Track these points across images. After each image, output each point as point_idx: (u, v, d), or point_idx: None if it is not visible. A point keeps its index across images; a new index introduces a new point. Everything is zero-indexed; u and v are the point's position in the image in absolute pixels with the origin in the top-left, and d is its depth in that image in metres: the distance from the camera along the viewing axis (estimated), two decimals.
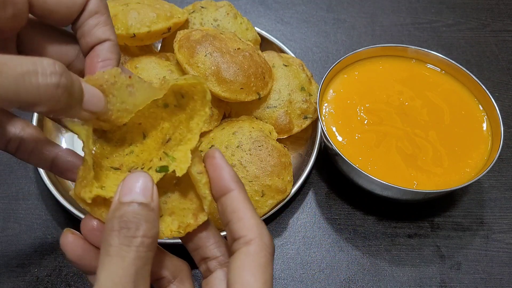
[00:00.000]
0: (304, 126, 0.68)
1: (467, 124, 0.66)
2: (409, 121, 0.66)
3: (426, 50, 0.71)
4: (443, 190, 0.58)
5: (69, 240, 0.35)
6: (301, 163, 0.68)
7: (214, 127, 0.66)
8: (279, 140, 0.65)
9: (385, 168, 0.62)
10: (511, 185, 0.70)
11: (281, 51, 0.77)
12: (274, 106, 0.67)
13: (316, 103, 0.66)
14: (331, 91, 0.69)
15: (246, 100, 0.63)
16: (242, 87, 0.62)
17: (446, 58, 0.70)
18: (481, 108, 0.68)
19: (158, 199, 0.34)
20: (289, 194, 0.62)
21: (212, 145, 0.62)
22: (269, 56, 0.71)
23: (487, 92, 0.66)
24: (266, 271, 0.34)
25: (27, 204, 0.65)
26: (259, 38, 0.75)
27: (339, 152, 0.60)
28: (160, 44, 0.75)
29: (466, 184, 0.58)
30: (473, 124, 0.66)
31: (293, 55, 0.75)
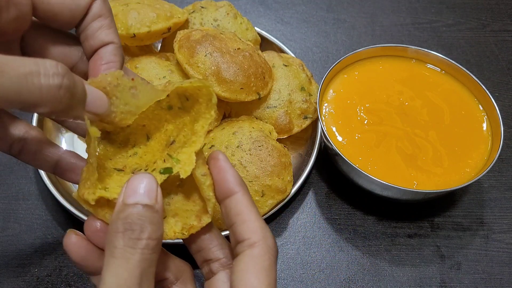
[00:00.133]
0: (304, 126, 0.68)
1: (467, 124, 0.66)
2: (409, 121, 0.66)
3: (426, 50, 0.71)
4: (443, 190, 0.58)
5: (72, 241, 0.35)
6: (301, 163, 0.68)
7: (214, 127, 0.66)
8: (279, 140, 0.65)
9: (385, 168, 0.62)
10: (511, 185, 0.70)
11: (281, 51, 0.77)
12: (274, 106, 0.67)
13: (316, 103, 0.66)
14: (331, 91, 0.69)
15: (246, 100, 0.63)
16: (242, 87, 0.62)
17: (446, 58, 0.70)
18: (481, 108, 0.68)
19: (162, 200, 0.34)
20: (289, 194, 0.62)
21: (212, 145, 0.62)
22: (269, 56, 0.71)
23: (487, 92, 0.66)
24: (270, 273, 0.34)
25: (27, 204, 0.65)
26: (259, 38, 0.75)
27: (339, 152, 0.60)
28: (160, 44, 0.75)
29: (466, 184, 0.58)
30: (473, 124, 0.66)
31: (293, 55, 0.75)
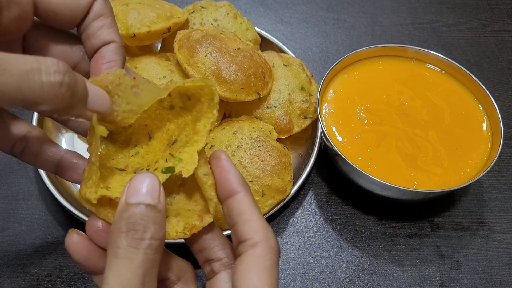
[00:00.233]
0: (304, 126, 0.68)
1: (467, 124, 0.66)
2: (409, 121, 0.66)
3: (426, 50, 0.71)
4: (443, 190, 0.58)
5: (74, 240, 0.35)
6: (301, 163, 0.68)
7: (214, 127, 0.66)
8: (279, 140, 0.65)
9: (385, 168, 0.62)
10: (511, 185, 0.70)
11: (281, 51, 0.77)
12: (274, 106, 0.67)
13: (316, 103, 0.66)
14: (331, 91, 0.69)
15: (246, 100, 0.63)
16: (242, 87, 0.62)
17: (446, 58, 0.70)
18: (481, 108, 0.68)
19: (165, 200, 0.34)
20: (289, 194, 0.62)
21: (212, 145, 0.62)
22: (269, 56, 0.71)
23: (487, 92, 0.66)
24: (272, 274, 0.34)
25: (27, 204, 0.65)
26: (259, 38, 0.75)
27: (339, 152, 0.60)
28: (160, 44, 0.75)
29: (466, 184, 0.58)
30: (473, 124, 0.66)
31: (293, 55, 0.75)
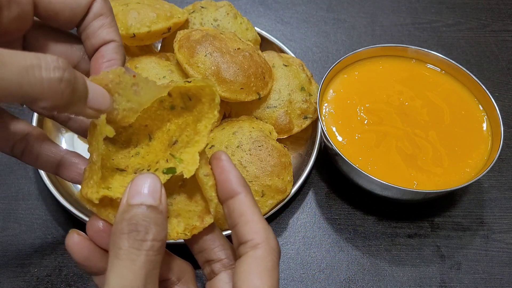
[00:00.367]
0: (304, 126, 0.68)
1: (467, 124, 0.66)
2: (409, 121, 0.66)
3: (426, 50, 0.71)
4: (443, 190, 0.58)
5: (75, 241, 0.35)
6: (301, 163, 0.68)
7: (214, 127, 0.66)
8: (279, 140, 0.65)
9: (385, 168, 0.62)
10: (511, 185, 0.70)
11: (281, 51, 0.77)
12: (274, 106, 0.67)
13: (316, 103, 0.66)
14: (331, 91, 0.69)
15: (246, 100, 0.63)
16: (242, 87, 0.62)
17: (446, 58, 0.70)
18: (481, 108, 0.68)
19: (166, 201, 0.34)
20: (289, 194, 0.62)
21: (212, 145, 0.62)
22: (269, 56, 0.71)
23: (487, 92, 0.66)
24: (273, 275, 0.34)
25: (27, 204, 0.65)
26: (259, 38, 0.75)
27: (339, 152, 0.60)
28: (160, 44, 0.75)
29: (466, 184, 0.58)
30: (473, 124, 0.66)
31: (293, 55, 0.75)
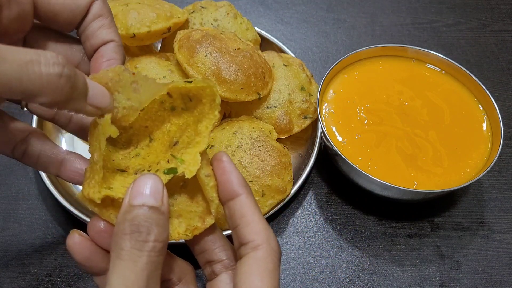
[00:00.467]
0: (304, 126, 0.68)
1: (467, 124, 0.66)
2: (409, 121, 0.66)
3: (426, 50, 0.71)
4: (443, 190, 0.58)
5: (76, 241, 0.35)
6: (301, 163, 0.68)
7: (214, 127, 0.66)
8: (279, 140, 0.65)
9: (385, 168, 0.62)
10: (511, 185, 0.70)
11: (281, 51, 0.77)
12: (274, 106, 0.67)
13: (316, 103, 0.66)
14: (331, 91, 0.69)
15: (246, 100, 0.63)
16: (242, 87, 0.62)
17: (446, 58, 0.70)
18: (481, 108, 0.68)
19: (168, 202, 0.34)
20: (289, 194, 0.62)
21: (212, 145, 0.62)
22: (269, 56, 0.71)
23: (487, 92, 0.66)
24: (274, 276, 0.34)
25: (27, 204, 0.65)
26: (259, 38, 0.75)
27: (339, 152, 0.60)
28: (160, 44, 0.75)
29: (466, 184, 0.58)
30: (473, 124, 0.66)
31: (293, 55, 0.75)
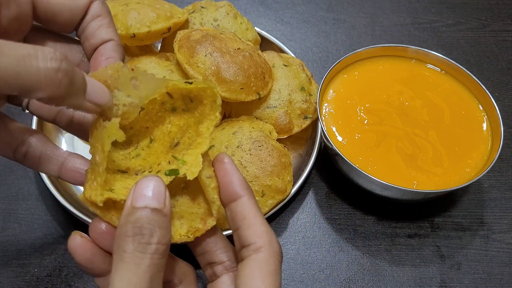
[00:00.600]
0: (304, 126, 0.68)
1: (467, 124, 0.66)
2: (409, 121, 0.66)
3: (426, 50, 0.71)
4: (443, 190, 0.58)
5: (77, 243, 0.35)
6: (301, 163, 0.68)
7: (214, 127, 0.66)
8: (279, 140, 0.65)
9: (385, 168, 0.62)
10: (511, 185, 0.70)
11: (281, 51, 0.77)
12: (274, 106, 0.66)
13: (316, 103, 0.66)
14: (331, 91, 0.69)
15: (246, 100, 0.63)
16: (242, 87, 0.62)
17: (446, 58, 0.70)
18: (481, 108, 0.68)
19: (170, 204, 0.34)
20: (289, 194, 0.62)
21: (212, 145, 0.62)
22: (269, 56, 0.71)
23: (487, 92, 0.66)
24: (275, 278, 0.34)
25: (27, 204, 0.65)
26: (259, 38, 0.75)
27: (339, 152, 0.60)
28: (160, 44, 0.75)
29: (466, 184, 0.58)
30: (473, 124, 0.66)
31: (293, 55, 0.75)
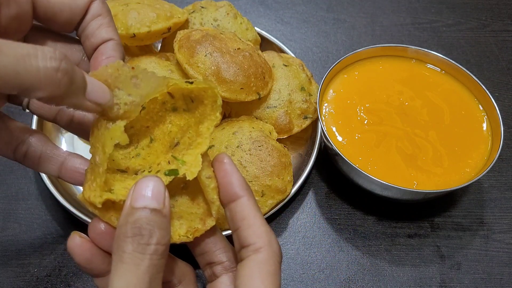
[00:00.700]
0: (304, 126, 0.68)
1: (467, 124, 0.66)
2: (409, 121, 0.66)
3: (426, 50, 0.71)
4: (443, 190, 0.58)
5: (76, 243, 0.35)
6: (301, 163, 0.68)
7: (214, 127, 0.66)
8: (279, 140, 0.65)
9: (385, 168, 0.62)
10: (511, 185, 0.70)
11: (281, 51, 0.77)
12: (274, 106, 0.66)
13: (316, 103, 0.66)
14: (331, 91, 0.69)
15: (246, 100, 0.63)
16: (242, 87, 0.62)
17: (446, 58, 0.70)
18: (481, 108, 0.68)
19: (169, 204, 0.34)
20: (289, 194, 0.62)
21: (212, 145, 0.62)
22: (269, 56, 0.71)
23: (487, 92, 0.66)
24: (275, 279, 0.34)
25: (27, 204, 0.65)
26: (259, 38, 0.75)
27: (339, 152, 0.60)
28: (160, 44, 0.75)
29: (466, 184, 0.58)
30: (473, 124, 0.66)
31: (293, 55, 0.75)
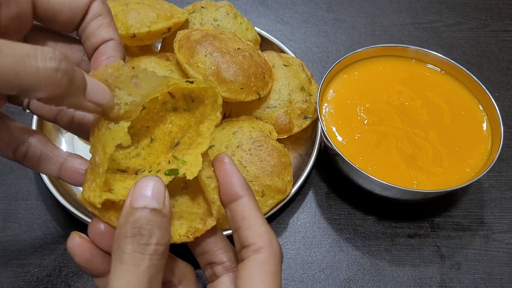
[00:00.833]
0: (304, 126, 0.68)
1: (467, 124, 0.66)
2: (409, 121, 0.66)
3: (426, 50, 0.71)
4: (443, 190, 0.58)
5: (76, 243, 0.35)
6: (301, 163, 0.68)
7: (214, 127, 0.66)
8: (279, 140, 0.65)
9: (385, 168, 0.62)
10: (511, 185, 0.70)
11: (281, 51, 0.77)
12: (274, 106, 0.66)
13: (316, 103, 0.66)
14: (331, 91, 0.69)
15: (246, 100, 0.63)
16: (242, 87, 0.62)
17: (446, 58, 0.70)
18: (481, 108, 0.68)
19: (169, 204, 0.34)
20: (289, 194, 0.62)
21: (212, 145, 0.62)
22: (269, 56, 0.71)
23: (487, 92, 0.66)
24: (275, 279, 0.34)
25: (27, 204, 0.65)
26: (259, 38, 0.75)
27: (339, 152, 0.60)
28: (160, 44, 0.75)
29: (466, 184, 0.58)
30: (473, 124, 0.66)
31: (293, 55, 0.75)
